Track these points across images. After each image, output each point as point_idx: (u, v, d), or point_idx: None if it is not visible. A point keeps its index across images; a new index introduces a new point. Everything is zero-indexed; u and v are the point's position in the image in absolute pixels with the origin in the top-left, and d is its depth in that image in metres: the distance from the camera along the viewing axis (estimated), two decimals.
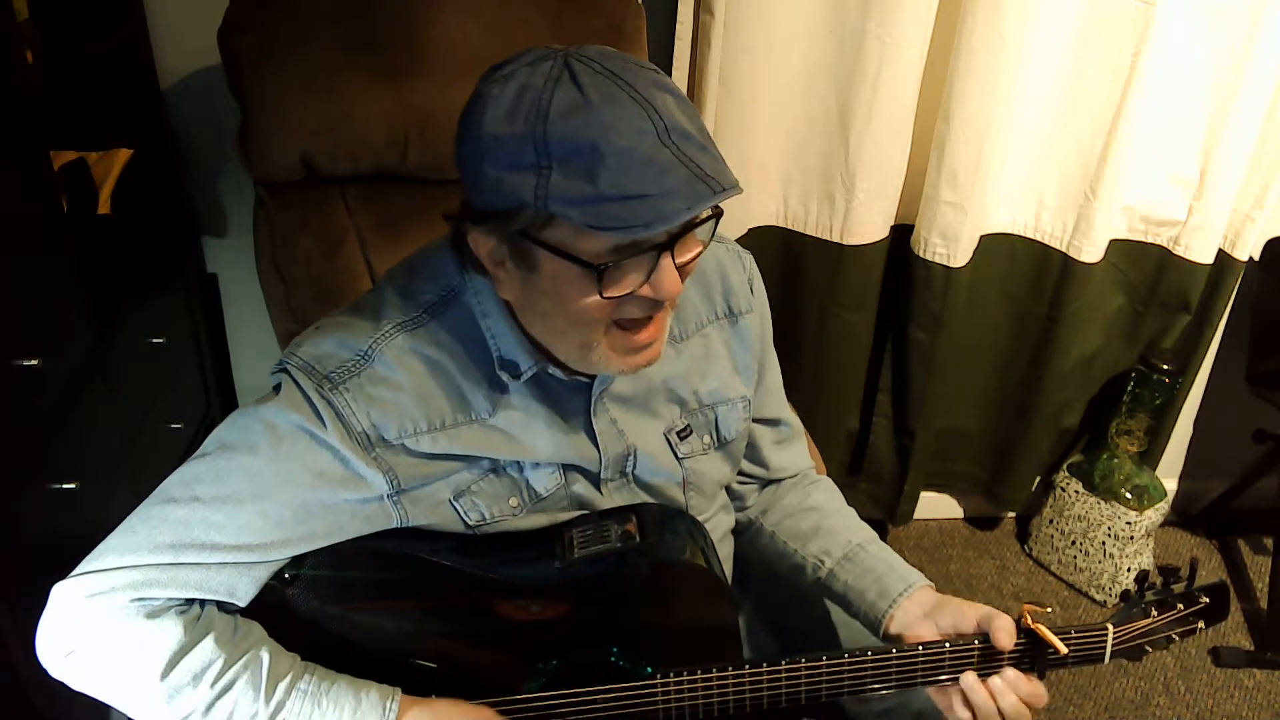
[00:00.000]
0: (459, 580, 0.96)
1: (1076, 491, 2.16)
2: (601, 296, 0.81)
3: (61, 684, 0.88)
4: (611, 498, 1.02)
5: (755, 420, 1.13)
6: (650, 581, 0.97)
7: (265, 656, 0.86)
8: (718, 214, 0.86)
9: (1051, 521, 2.23)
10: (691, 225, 0.83)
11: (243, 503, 0.86)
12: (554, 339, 0.90)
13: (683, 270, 0.85)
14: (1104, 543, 2.14)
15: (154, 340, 1.66)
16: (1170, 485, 2.33)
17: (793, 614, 1.24)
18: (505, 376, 0.92)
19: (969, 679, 0.97)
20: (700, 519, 1.07)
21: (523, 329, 0.91)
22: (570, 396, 0.97)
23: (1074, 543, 2.19)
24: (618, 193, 0.75)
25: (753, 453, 1.16)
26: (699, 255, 0.86)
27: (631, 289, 0.82)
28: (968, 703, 0.97)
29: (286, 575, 0.92)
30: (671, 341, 1.02)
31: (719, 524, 1.13)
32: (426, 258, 0.96)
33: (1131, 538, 2.10)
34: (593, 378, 0.96)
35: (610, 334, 0.87)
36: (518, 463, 0.95)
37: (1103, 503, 2.12)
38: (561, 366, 0.93)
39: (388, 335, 0.90)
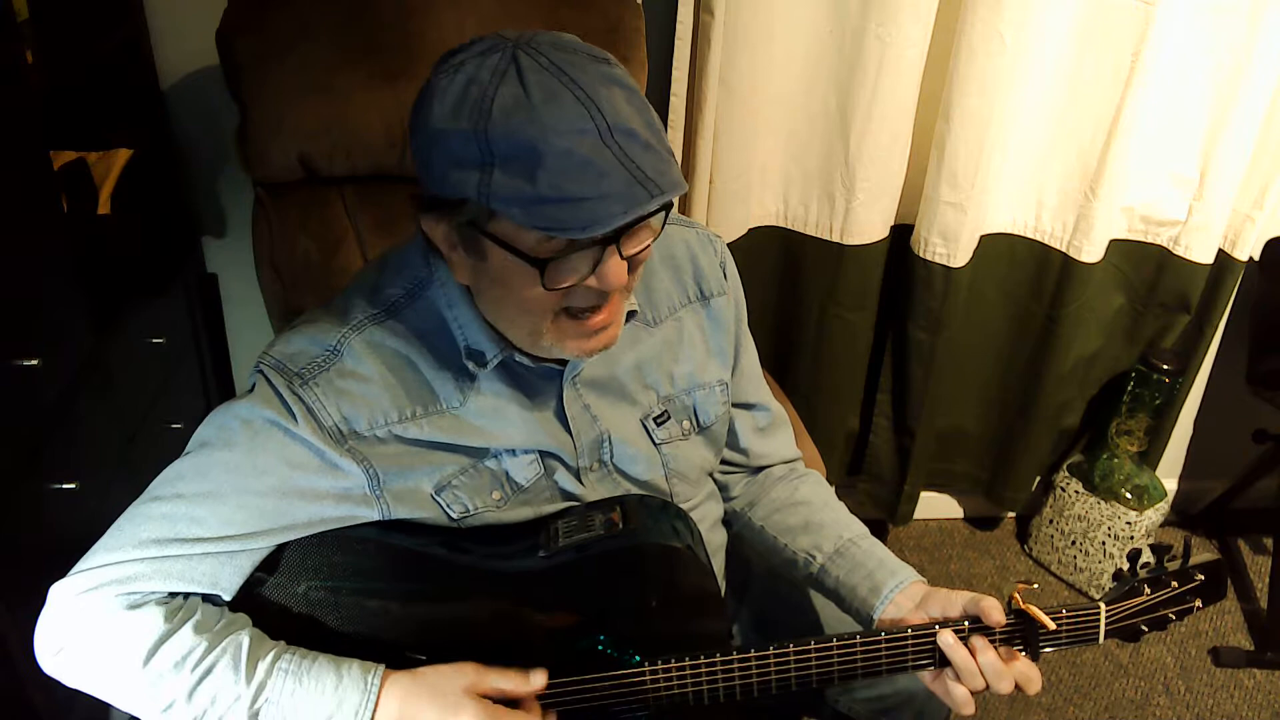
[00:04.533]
0: (446, 572, 0.97)
1: (1076, 491, 2.16)
2: (545, 289, 0.82)
3: (60, 684, 0.89)
4: (594, 489, 1.02)
5: (734, 405, 1.14)
6: (635, 568, 0.98)
7: (245, 639, 0.88)
8: (667, 205, 0.86)
9: (1051, 521, 2.23)
10: (637, 219, 0.83)
11: (224, 496, 0.88)
12: (506, 325, 0.91)
13: (633, 260, 0.85)
14: (1104, 543, 2.13)
15: (154, 340, 1.66)
16: (1170, 485, 2.33)
17: (792, 618, 1.24)
18: (472, 365, 0.93)
19: (947, 638, 0.97)
20: (687, 507, 1.08)
21: (486, 317, 0.93)
22: (541, 383, 0.98)
23: (1074, 543, 2.19)
24: (555, 194, 0.76)
25: (733, 439, 1.16)
26: (648, 245, 0.86)
27: (575, 281, 0.83)
28: (959, 680, 0.98)
29: (274, 571, 0.93)
30: (644, 325, 1.03)
31: (707, 513, 1.14)
32: (394, 255, 0.98)
33: (1131, 538, 2.10)
34: (564, 364, 0.97)
35: (558, 322, 0.87)
36: (496, 454, 0.96)
37: (1103, 503, 2.12)
38: (527, 353, 0.94)
39: (355, 330, 0.92)
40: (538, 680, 0.93)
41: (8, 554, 1.23)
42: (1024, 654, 1.00)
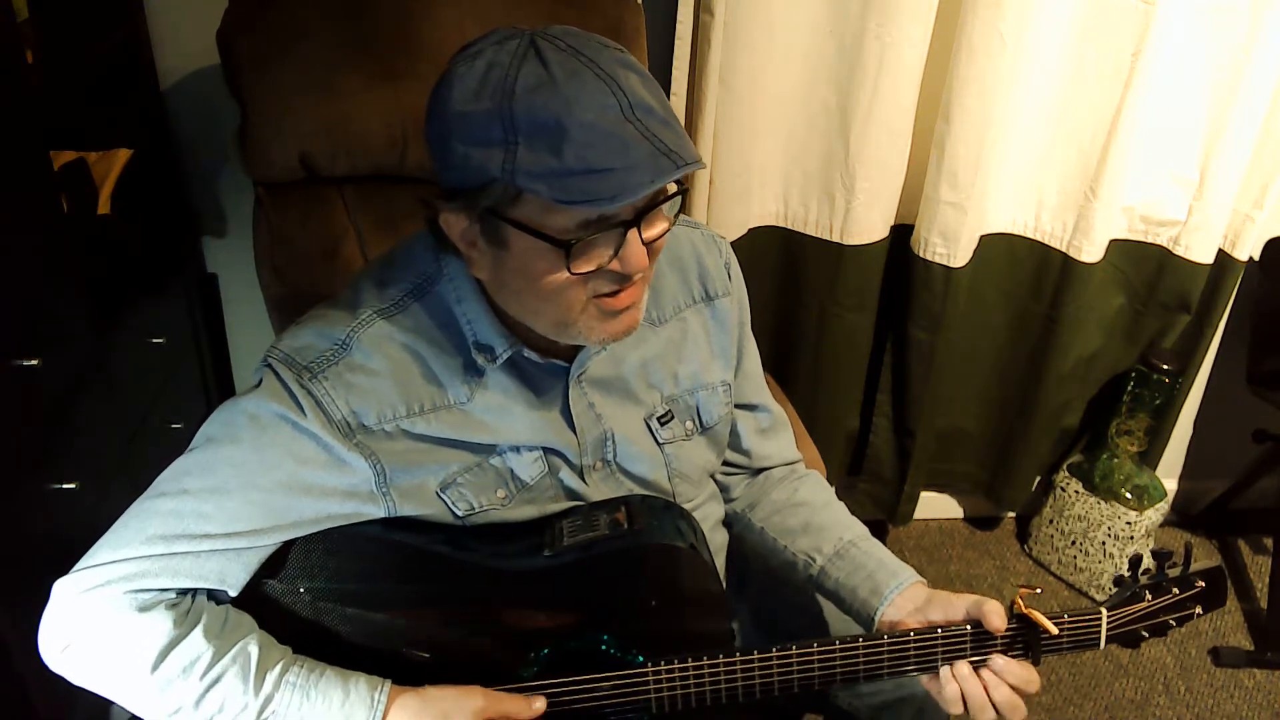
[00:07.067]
0: (451, 571, 0.97)
1: (1076, 491, 2.16)
2: (570, 273, 0.82)
3: (61, 683, 0.89)
4: (597, 488, 1.03)
5: (736, 406, 1.14)
6: (639, 568, 0.98)
7: (254, 649, 0.88)
8: (682, 190, 0.87)
9: (1051, 521, 2.23)
10: (656, 201, 0.84)
11: (230, 492, 0.87)
12: (529, 316, 0.91)
13: (651, 247, 0.86)
14: (1104, 543, 2.14)
15: (154, 340, 1.66)
16: (1170, 485, 2.33)
17: (793, 619, 1.25)
18: (481, 360, 0.93)
19: (963, 669, 0.98)
20: (689, 507, 1.08)
21: (497, 312, 0.93)
22: (547, 379, 0.98)
23: (1074, 543, 2.19)
24: (582, 166, 0.76)
25: (735, 441, 1.17)
26: (665, 232, 0.87)
27: (599, 265, 0.84)
28: (954, 678, 0.98)
29: (277, 569, 0.93)
30: (650, 324, 1.03)
31: (709, 513, 1.14)
32: (402, 249, 0.97)
33: (1131, 538, 2.10)
34: (569, 361, 0.97)
35: (589, 309, 0.88)
36: (501, 452, 0.96)
37: (1103, 503, 2.12)
38: (537, 349, 0.94)
39: (364, 324, 0.92)
40: (539, 705, 0.94)
41: (8, 554, 1.23)
42: (1025, 658, 1.00)
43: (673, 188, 0.85)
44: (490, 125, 0.78)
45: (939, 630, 0.98)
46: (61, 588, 0.87)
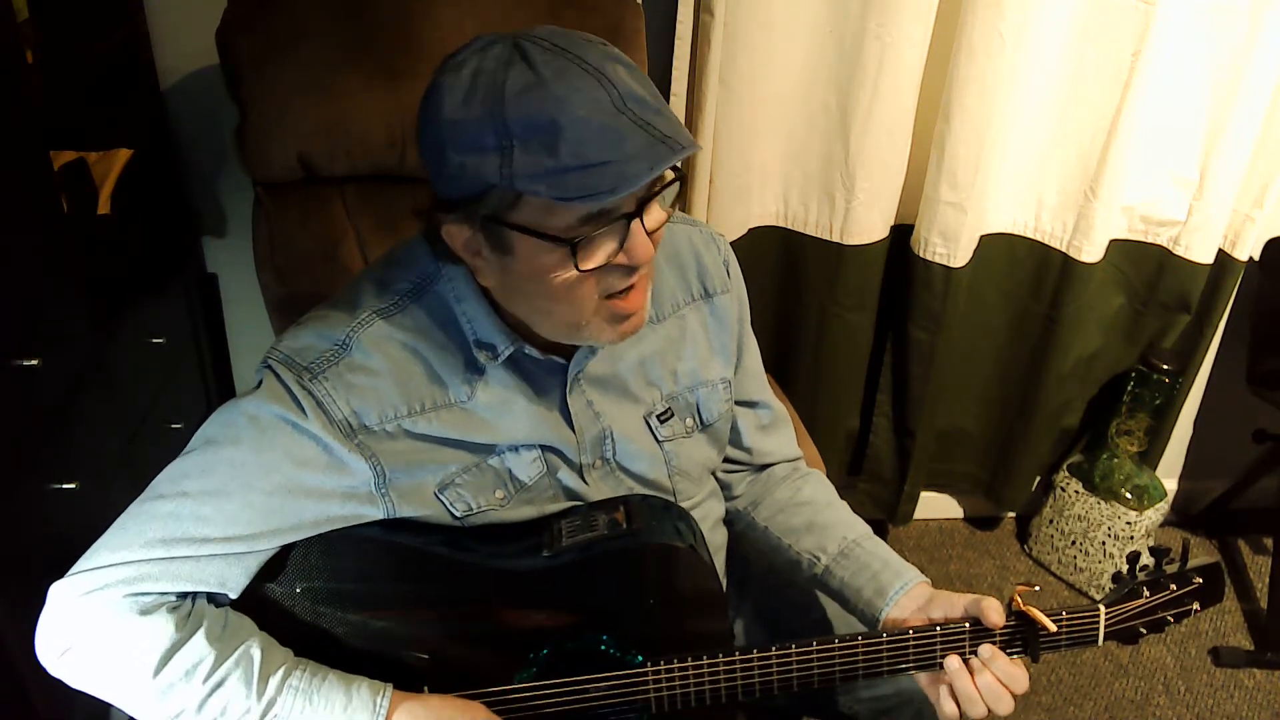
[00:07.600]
0: (450, 571, 0.97)
1: (1076, 491, 2.16)
2: (578, 270, 0.82)
3: (61, 683, 0.89)
4: (597, 486, 1.03)
5: (736, 403, 1.14)
6: (638, 569, 0.98)
7: (256, 652, 0.88)
8: (680, 177, 0.87)
9: (1051, 521, 2.23)
10: (656, 190, 0.84)
11: (230, 495, 0.87)
12: (540, 318, 0.91)
13: (652, 237, 0.86)
14: (1104, 543, 2.14)
15: (154, 340, 1.67)
16: (1170, 485, 2.33)
17: (796, 618, 1.25)
18: (483, 357, 0.94)
19: (952, 662, 0.98)
20: (689, 505, 1.08)
21: (498, 311, 0.93)
22: (546, 378, 0.98)
23: (1074, 543, 2.19)
24: (579, 162, 0.76)
25: (735, 437, 1.17)
26: (666, 222, 0.87)
27: (606, 259, 0.83)
28: (954, 695, 0.98)
29: (277, 570, 0.93)
30: (648, 322, 1.03)
31: (709, 511, 1.14)
32: (403, 249, 0.98)
33: (1131, 538, 2.10)
34: (568, 359, 0.97)
35: (600, 309, 0.88)
36: (499, 452, 0.96)
37: (1103, 503, 2.12)
38: (538, 346, 0.94)
39: (364, 324, 0.92)
40: None
41: (8, 554, 1.23)
42: (1023, 655, 1.00)
43: (670, 175, 0.85)
44: (483, 132, 0.78)
45: (938, 627, 0.99)
46: (59, 591, 0.87)
